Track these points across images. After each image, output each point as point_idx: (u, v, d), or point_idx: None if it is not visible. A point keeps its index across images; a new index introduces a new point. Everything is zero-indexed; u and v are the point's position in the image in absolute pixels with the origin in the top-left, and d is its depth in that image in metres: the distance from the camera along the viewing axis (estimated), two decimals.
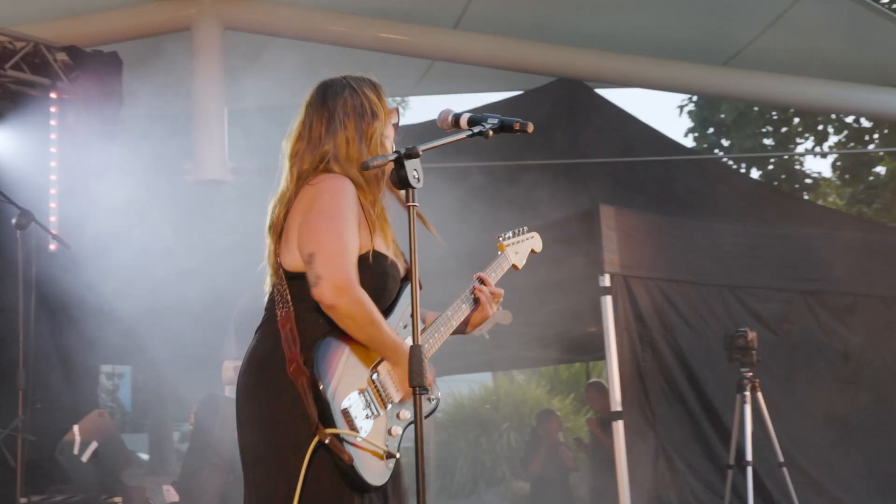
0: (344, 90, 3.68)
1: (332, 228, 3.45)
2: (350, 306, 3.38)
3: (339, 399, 3.34)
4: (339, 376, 3.38)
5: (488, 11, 10.57)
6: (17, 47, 8.71)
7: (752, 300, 8.81)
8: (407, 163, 3.21)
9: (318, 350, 3.37)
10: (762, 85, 11.60)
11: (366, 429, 3.38)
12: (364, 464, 3.35)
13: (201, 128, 10.10)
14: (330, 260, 3.40)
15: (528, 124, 3.54)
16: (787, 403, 8.57)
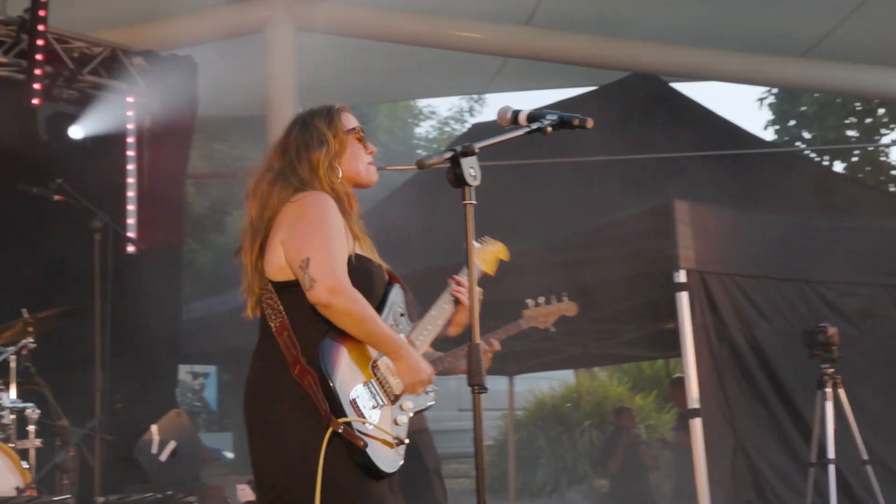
0: (296, 126, 3.93)
1: (323, 235, 3.66)
2: (345, 304, 3.56)
3: (347, 391, 3.52)
4: (344, 370, 3.56)
5: (560, 7, 10.56)
6: (95, 52, 8.87)
7: (833, 295, 8.62)
8: (463, 161, 3.26)
9: (322, 348, 3.55)
10: (842, 75, 11.42)
11: (374, 418, 3.55)
12: (376, 451, 3.52)
13: (275, 128, 10.14)
14: (323, 263, 3.59)
15: (587, 120, 3.53)
16: (871, 400, 8.39)
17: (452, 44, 10.89)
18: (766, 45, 11.10)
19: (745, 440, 7.93)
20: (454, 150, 3.27)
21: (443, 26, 10.82)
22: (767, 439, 8.09)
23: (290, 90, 10.21)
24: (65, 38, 8.65)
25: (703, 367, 7.88)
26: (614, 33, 11.07)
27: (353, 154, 3.88)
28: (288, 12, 10.16)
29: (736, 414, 7.97)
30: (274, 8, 10.18)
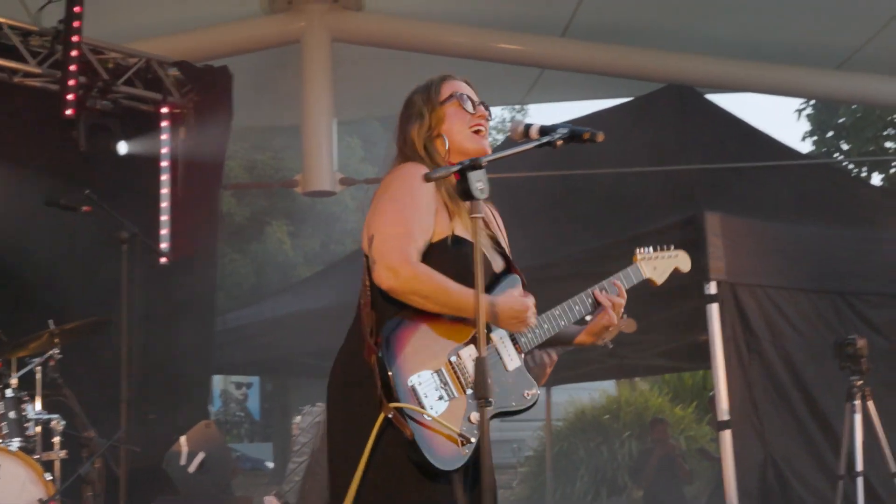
0: (403, 104, 3.84)
1: (395, 210, 3.54)
2: (406, 283, 3.41)
3: (406, 375, 3.35)
4: (410, 353, 3.39)
5: (595, 19, 10.55)
6: (130, 63, 8.97)
7: (865, 307, 8.58)
8: (470, 174, 3.20)
9: (387, 327, 3.41)
10: (877, 88, 11.38)
11: (437, 409, 3.35)
12: (431, 444, 3.32)
13: (310, 139, 10.23)
14: (385, 242, 3.47)
15: (598, 133, 3.52)
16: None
17: (489, 55, 10.91)
18: (801, 56, 11.05)
19: (774, 452, 7.91)
20: (461, 164, 3.24)
21: (478, 38, 10.84)
22: (797, 451, 8.06)
23: (326, 101, 10.27)
24: (99, 48, 8.75)
25: (733, 379, 7.87)
26: (649, 44, 11.05)
27: (455, 121, 3.76)
28: (323, 23, 10.22)
29: (766, 426, 7.95)
30: (309, 19, 10.24)
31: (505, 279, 3.70)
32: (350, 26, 10.45)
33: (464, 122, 3.77)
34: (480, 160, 3.24)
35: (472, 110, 3.78)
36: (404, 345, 3.40)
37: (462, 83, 3.86)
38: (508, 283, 3.68)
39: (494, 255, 3.74)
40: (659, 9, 10.59)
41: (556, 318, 3.74)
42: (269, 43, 10.51)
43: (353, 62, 11.27)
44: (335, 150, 10.38)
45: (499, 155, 3.46)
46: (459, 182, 3.24)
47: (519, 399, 3.56)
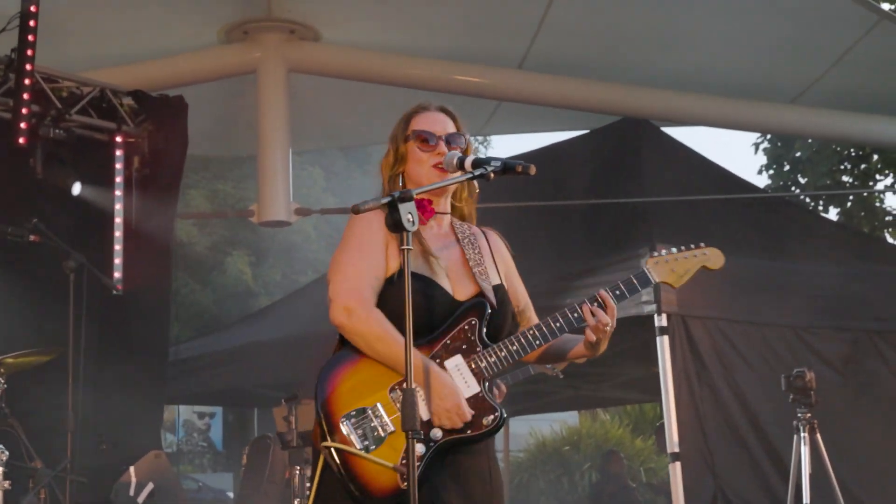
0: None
1: (346, 251, 3.66)
2: (356, 325, 3.52)
3: (339, 411, 3.43)
4: (346, 390, 3.47)
5: (551, 51, 10.58)
6: (84, 92, 8.91)
7: (816, 340, 8.67)
8: (401, 206, 3.24)
9: (327, 364, 3.52)
10: (830, 122, 11.49)
11: (374, 444, 3.41)
12: (363, 479, 3.39)
13: (266, 169, 10.21)
14: (340, 283, 3.59)
15: (529, 166, 3.54)
16: (853, 445, 8.39)
17: (446, 87, 10.91)
18: (756, 91, 11.14)
19: (724, 484, 7.96)
20: (392, 196, 3.27)
21: (437, 69, 10.86)
22: (747, 483, 8.12)
23: (282, 130, 10.24)
24: (53, 77, 8.69)
25: (683, 411, 7.92)
26: (605, 77, 11.11)
27: (415, 160, 3.78)
28: (279, 54, 10.20)
29: (716, 458, 8.01)
30: (265, 49, 10.22)
31: (468, 305, 3.66)
32: (306, 57, 10.44)
33: (422, 160, 3.78)
34: (411, 192, 3.28)
35: (430, 146, 3.78)
36: (343, 381, 3.49)
37: (432, 114, 3.85)
38: (470, 310, 3.65)
39: (465, 283, 3.72)
40: (615, 42, 10.65)
41: (529, 340, 3.67)
42: (224, 73, 10.49)
43: (313, 92, 11.28)
44: (291, 180, 10.35)
45: (429, 187, 3.53)
46: (389, 214, 3.28)
47: (476, 426, 3.54)
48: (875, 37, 9.93)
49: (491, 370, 3.61)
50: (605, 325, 3.70)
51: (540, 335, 3.68)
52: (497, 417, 3.56)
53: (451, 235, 3.84)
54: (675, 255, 4.00)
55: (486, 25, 10.47)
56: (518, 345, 3.66)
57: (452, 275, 3.71)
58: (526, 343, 3.67)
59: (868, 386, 8.77)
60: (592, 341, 3.74)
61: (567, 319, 3.71)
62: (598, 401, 16.58)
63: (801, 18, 9.98)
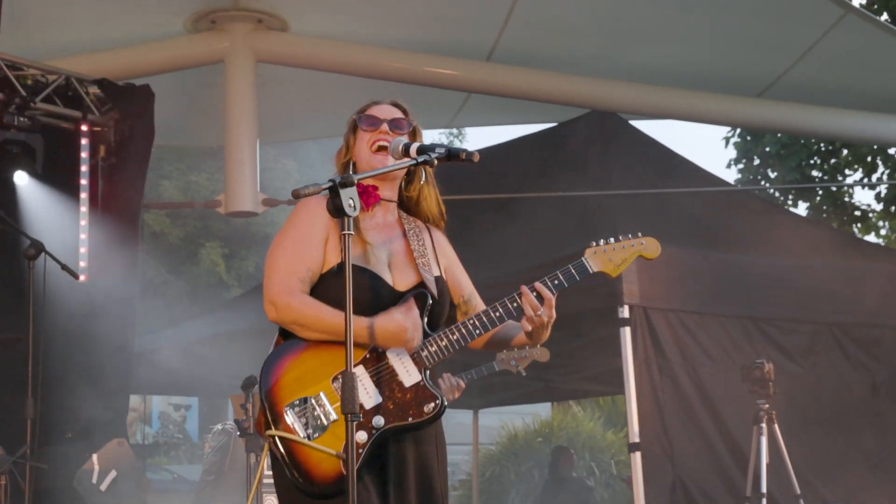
0: None
1: (279, 245, 3.70)
2: (283, 314, 3.57)
3: (282, 401, 3.48)
4: (290, 380, 3.51)
5: (519, 44, 10.60)
6: (49, 80, 8.90)
7: (776, 332, 8.72)
8: (342, 191, 3.26)
9: (269, 357, 3.57)
10: (796, 116, 11.54)
11: (317, 433, 3.47)
12: (307, 467, 3.44)
13: (233, 159, 10.19)
14: (269, 278, 3.64)
15: (473, 153, 3.58)
16: (811, 436, 8.47)
17: (414, 78, 10.93)
18: (721, 85, 11.19)
19: (683, 474, 8.00)
20: (333, 181, 3.29)
21: (405, 61, 10.85)
22: (706, 473, 8.17)
23: (249, 121, 10.22)
24: (18, 64, 8.66)
25: (644, 402, 7.95)
26: (574, 70, 11.13)
27: (359, 146, 3.86)
28: (247, 44, 10.18)
29: (675, 448, 8.05)
30: (233, 39, 10.20)
31: (410, 295, 3.72)
32: (274, 47, 10.42)
33: (365, 141, 3.85)
34: (351, 177, 3.30)
35: (372, 129, 3.85)
36: (285, 372, 3.54)
37: (381, 106, 3.94)
38: (411, 298, 3.71)
39: (406, 273, 3.78)
40: (583, 35, 10.67)
41: (469, 329, 3.74)
42: (192, 62, 10.46)
43: (282, 83, 11.27)
44: (258, 170, 10.34)
45: (371, 173, 3.57)
46: (330, 199, 3.30)
47: (417, 414, 3.60)
48: (841, 31, 9.98)
49: (432, 359, 3.68)
50: (539, 314, 3.77)
51: (480, 325, 3.76)
52: (438, 405, 3.63)
53: (397, 226, 3.88)
54: (612, 244, 4.09)
55: (455, 17, 10.48)
56: (459, 334, 3.73)
57: (395, 264, 3.76)
58: (466, 332, 3.74)
59: (826, 377, 8.83)
60: (528, 331, 3.82)
61: (506, 308, 3.80)
62: (568, 393, 16.62)
63: (767, 12, 10.03)
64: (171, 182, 22.87)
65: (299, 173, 25.35)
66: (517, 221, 9.88)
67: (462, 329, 3.73)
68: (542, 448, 21.51)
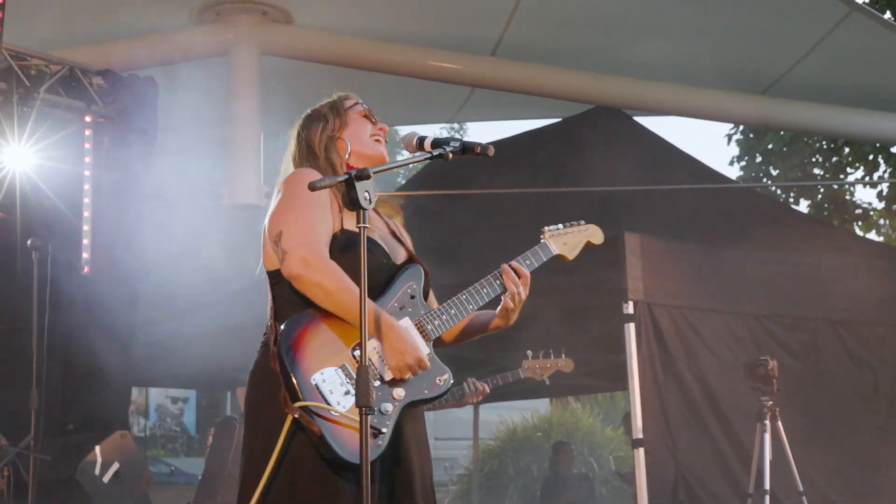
0: (304, 117, 3.99)
1: (295, 207, 3.60)
2: (314, 274, 3.46)
3: (308, 374, 3.38)
4: (311, 352, 3.42)
5: (525, 39, 10.60)
6: (53, 70, 8.88)
7: (779, 329, 8.72)
8: (358, 184, 3.23)
9: (285, 328, 3.44)
10: (800, 113, 11.54)
11: (345, 404, 3.38)
12: (340, 439, 3.34)
13: (236, 152, 10.18)
14: (294, 235, 3.52)
15: (488, 147, 3.57)
16: (812, 433, 8.47)
17: (420, 72, 10.94)
18: (726, 82, 11.19)
19: (686, 470, 8.01)
20: (349, 174, 3.26)
21: (411, 54, 10.85)
22: (708, 470, 8.18)
23: (253, 113, 10.21)
24: (22, 55, 8.64)
25: (647, 398, 7.95)
26: (579, 66, 11.12)
27: (358, 128, 3.88)
28: (251, 36, 10.17)
29: (678, 444, 8.05)
30: (237, 31, 10.19)
31: (406, 270, 3.76)
32: (279, 40, 10.41)
33: (366, 130, 3.90)
34: (368, 170, 3.27)
35: (373, 121, 3.93)
36: (306, 344, 3.43)
37: (359, 100, 4.02)
38: (410, 275, 3.76)
39: (396, 246, 3.84)
40: (589, 30, 10.66)
41: (463, 303, 3.78)
42: (196, 54, 10.43)
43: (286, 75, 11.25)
44: (262, 163, 10.32)
45: (387, 166, 3.55)
46: (346, 192, 3.27)
47: (431, 386, 3.60)
48: (847, 28, 9.98)
49: (436, 332, 3.70)
50: (519, 291, 3.86)
51: (472, 300, 3.79)
52: (449, 377, 3.65)
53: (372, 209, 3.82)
54: (563, 229, 4.24)
55: (460, 11, 10.47)
56: (455, 309, 3.77)
57: (384, 240, 3.80)
58: (461, 306, 3.77)
59: (829, 375, 8.84)
60: (509, 308, 3.87)
61: (491, 286, 3.85)
62: (570, 388, 16.59)
63: (773, 9, 10.02)
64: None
65: None
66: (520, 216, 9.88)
67: (457, 303, 3.77)
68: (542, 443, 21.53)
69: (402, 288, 3.70)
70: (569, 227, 4.25)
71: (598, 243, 4.32)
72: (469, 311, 3.79)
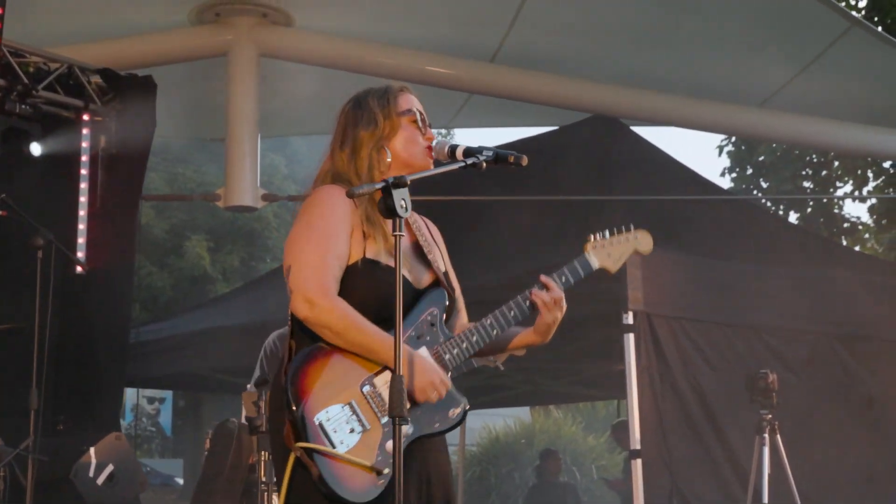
0: (348, 104, 3.74)
1: (309, 238, 3.46)
2: (321, 316, 3.35)
3: (313, 412, 3.29)
4: (319, 387, 3.33)
5: (525, 46, 10.58)
6: (51, 68, 8.83)
7: (777, 342, 8.72)
8: (395, 192, 3.17)
9: (296, 360, 3.36)
10: (796, 127, 11.56)
11: (348, 443, 3.30)
12: (341, 479, 3.26)
13: (234, 153, 10.13)
14: (301, 272, 3.41)
15: (522, 157, 3.53)
16: (808, 447, 8.46)
17: (417, 77, 10.88)
18: (724, 93, 11.19)
19: (681, 482, 7.98)
20: (386, 182, 3.19)
21: (406, 59, 10.83)
22: (705, 483, 8.16)
23: (251, 115, 10.17)
24: (21, 51, 8.58)
25: (645, 409, 7.93)
26: (577, 74, 11.11)
27: (408, 137, 3.67)
28: (251, 37, 10.13)
29: (674, 456, 8.03)
30: (237, 32, 10.14)
31: (428, 295, 3.62)
32: (278, 42, 10.37)
33: (417, 140, 3.69)
34: (405, 178, 3.21)
35: (423, 128, 3.72)
36: (314, 378, 3.35)
37: (413, 97, 3.78)
38: (431, 300, 3.62)
39: (420, 270, 3.67)
40: (588, 39, 10.65)
41: (487, 329, 3.62)
42: (195, 54, 10.40)
43: (281, 78, 11.22)
44: (259, 165, 10.29)
45: (424, 174, 3.45)
46: (382, 199, 3.20)
47: (443, 419, 3.51)
48: (845, 43, 9.99)
49: (455, 361, 3.57)
50: (560, 301, 3.70)
51: (497, 324, 3.63)
52: (463, 409, 3.55)
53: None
54: (609, 239, 4.00)
55: (462, 17, 10.45)
56: (478, 335, 3.61)
57: (407, 260, 3.61)
58: (484, 333, 3.62)
59: (825, 390, 8.84)
60: (549, 322, 3.70)
61: (521, 308, 3.68)
62: (556, 397, 16.62)
63: (772, 22, 10.03)
64: (156, 174, 22.76)
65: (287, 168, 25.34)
66: (516, 224, 9.87)
67: (480, 329, 3.62)
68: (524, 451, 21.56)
69: (423, 315, 3.57)
70: (616, 235, 4.02)
71: (646, 252, 4.13)
72: (493, 337, 3.63)
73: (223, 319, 12.02)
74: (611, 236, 4.00)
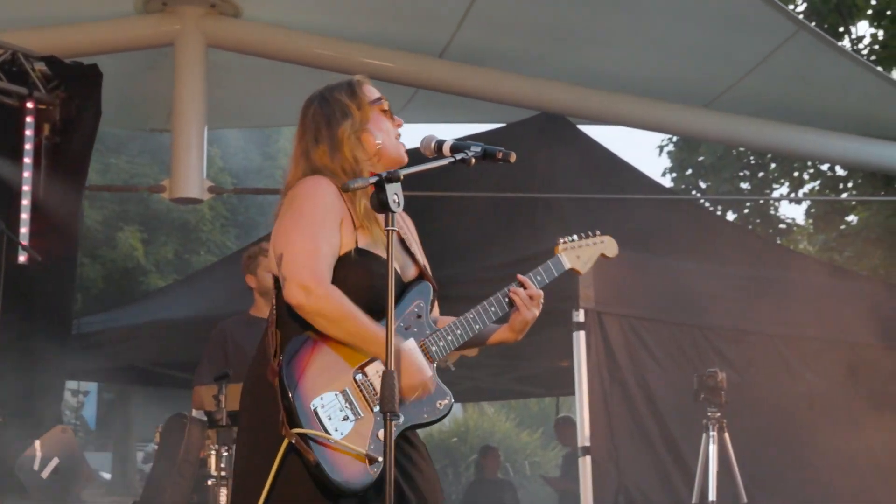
0: (313, 102, 3.71)
1: (301, 227, 3.45)
2: (316, 303, 3.35)
3: (308, 399, 3.30)
4: (313, 375, 3.33)
5: (474, 43, 10.57)
6: None
7: (721, 341, 8.83)
8: (388, 186, 3.20)
9: (289, 348, 3.36)
10: (741, 129, 11.65)
11: (342, 431, 3.31)
12: (336, 466, 3.27)
13: (181, 145, 10.00)
14: (295, 259, 3.40)
15: (510, 153, 3.55)
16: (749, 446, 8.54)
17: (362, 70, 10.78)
18: (670, 93, 11.26)
19: (628, 480, 8.05)
20: (379, 176, 3.22)
21: (354, 52, 10.76)
22: (651, 481, 8.23)
23: (198, 106, 10.03)
24: None
25: (592, 407, 7.97)
26: (524, 71, 11.12)
27: (379, 127, 3.69)
28: (198, 28, 9.99)
29: (621, 453, 8.09)
30: (184, 22, 10.01)
31: (415, 287, 3.67)
32: (226, 32, 10.25)
33: (390, 130, 3.73)
34: (399, 173, 3.24)
35: (392, 117, 3.78)
36: (307, 366, 3.35)
37: (370, 87, 3.80)
38: (418, 293, 3.66)
39: (406, 262, 3.71)
40: (538, 37, 10.66)
41: (470, 323, 3.69)
42: (141, 44, 10.24)
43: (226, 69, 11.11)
44: (205, 157, 10.18)
45: (416, 169, 3.45)
46: (375, 193, 3.21)
47: (431, 410, 3.56)
48: (792, 47, 10.09)
49: (441, 354, 3.62)
50: (539, 298, 3.81)
51: (479, 320, 3.71)
52: (449, 401, 3.59)
53: None
54: (578, 241, 4.14)
55: (412, 12, 10.44)
56: (462, 329, 3.67)
57: (397, 253, 3.57)
58: (468, 326, 3.68)
59: (766, 389, 8.94)
60: (528, 319, 3.79)
61: (500, 304, 3.77)
62: (497, 392, 16.65)
63: (720, 24, 10.09)
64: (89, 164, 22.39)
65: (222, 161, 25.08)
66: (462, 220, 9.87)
67: (464, 324, 3.68)
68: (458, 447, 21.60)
69: (410, 307, 3.62)
70: (584, 238, 4.16)
71: (612, 256, 4.27)
72: (475, 331, 3.70)
73: (164, 313, 11.91)
74: (579, 239, 4.14)
